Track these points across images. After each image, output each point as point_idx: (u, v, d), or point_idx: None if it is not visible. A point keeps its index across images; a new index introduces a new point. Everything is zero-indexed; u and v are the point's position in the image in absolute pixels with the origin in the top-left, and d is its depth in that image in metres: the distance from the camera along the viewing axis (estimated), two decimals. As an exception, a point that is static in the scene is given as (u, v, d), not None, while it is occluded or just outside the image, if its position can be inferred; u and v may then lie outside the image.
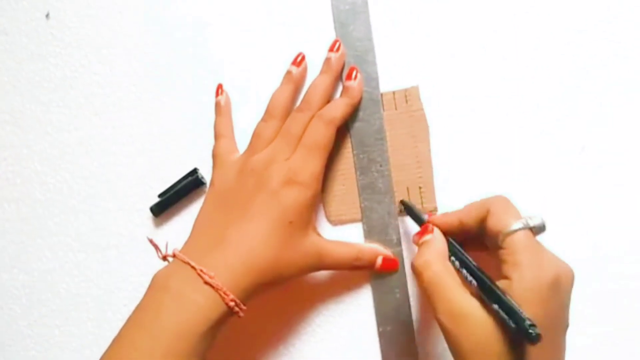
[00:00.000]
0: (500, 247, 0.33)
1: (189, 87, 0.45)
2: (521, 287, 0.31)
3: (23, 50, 0.46)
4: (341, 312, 0.44)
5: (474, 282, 0.33)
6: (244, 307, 0.36)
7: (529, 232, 0.33)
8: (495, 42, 0.43)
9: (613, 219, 0.42)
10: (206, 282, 0.35)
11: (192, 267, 0.35)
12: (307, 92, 0.42)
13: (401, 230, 0.43)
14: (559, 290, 0.31)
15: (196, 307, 0.34)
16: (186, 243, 0.39)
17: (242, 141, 0.43)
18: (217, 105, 0.44)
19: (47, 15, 0.46)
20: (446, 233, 0.37)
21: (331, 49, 0.42)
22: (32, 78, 0.46)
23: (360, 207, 0.43)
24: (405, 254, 0.43)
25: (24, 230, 0.46)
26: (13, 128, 0.46)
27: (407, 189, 0.43)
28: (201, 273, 0.35)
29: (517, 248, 0.32)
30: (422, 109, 0.43)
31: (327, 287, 0.44)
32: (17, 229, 0.46)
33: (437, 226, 0.37)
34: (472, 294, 0.33)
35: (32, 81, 0.46)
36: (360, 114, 0.43)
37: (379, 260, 0.42)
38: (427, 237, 0.36)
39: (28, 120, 0.46)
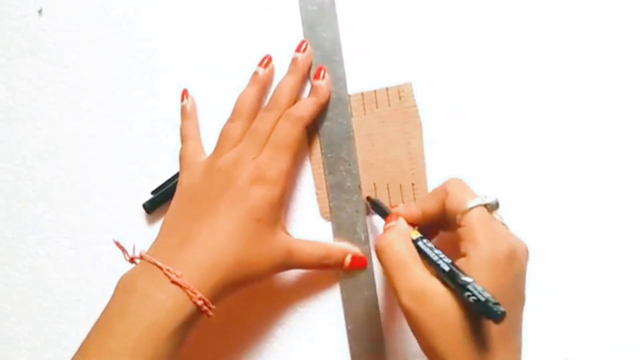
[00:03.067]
0: (458, 226, 0.34)
1: (182, 84, 0.45)
2: (478, 261, 0.32)
3: (15, 46, 0.46)
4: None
5: (440, 265, 0.33)
6: (213, 307, 0.35)
7: (483, 209, 0.34)
8: (484, 37, 0.43)
9: (605, 211, 0.42)
10: (173, 282, 0.34)
11: (159, 266, 0.35)
12: (274, 92, 0.42)
13: (369, 229, 0.43)
14: (514, 262, 0.33)
15: (163, 307, 0.34)
16: (153, 244, 0.38)
17: (210, 144, 0.43)
18: (183, 109, 0.44)
19: (40, 11, 0.46)
20: (412, 224, 0.38)
21: (298, 50, 0.43)
22: (24, 74, 0.46)
23: (329, 206, 0.43)
24: (373, 252, 0.43)
25: (15, 226, 0.46)
26: (4, 124, 0.46)
27: (400, 185, 0.43)
28: (168, 272, 0.34)
29: (473, 225, 0.33)
30: (415, 106, 0.43)
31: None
32: (8, 226, 0.46)
33: (403, 217, 0.38)
34: (433, 274, 0.33)
35: (24, 77, 0.46)
36: (329, 113, 0.43)
37: (348, 259, 0.42)
38: (391, 223, 0.37)
39: (19, 116, 0.46)
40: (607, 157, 0.42)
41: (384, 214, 0.40)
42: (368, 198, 0.43)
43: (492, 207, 0.35)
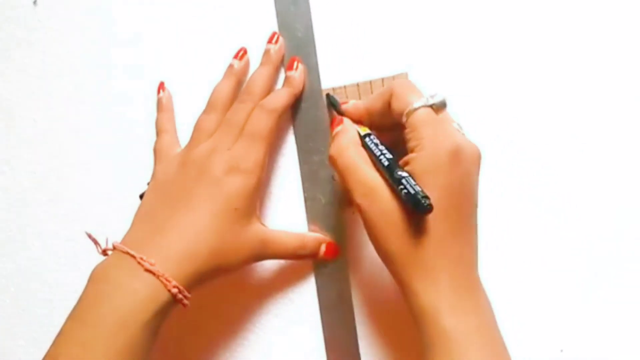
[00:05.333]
0: (404, 127, 0.35)
1: (178, 76, 0.45)
2: (422, 158, 0.33)
3: (10, 38, 0.46)
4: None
5: (381, 160, 0.34)
6: (189, 295, 0.35)
7: (429, 109, 0.35)
8: (478, 28, 0.43)
9: (603, 205, 0.42)
10: (146, 270, 0.34)
11: (132, 255, 0.34)
12: (247, 83, 0.42)
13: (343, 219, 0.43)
14: (459, 160, 0.33)
15: (137, 295, 0.33)
16: (126, 234, 0.38)
17: (186, 138, 0.42)
18: (159, 102, 0.44)
19: (35, 2, 0.46)
20: (357, 121, 0.39)
21: (270, 41, 0.43)
22: (20, 66, 0.46)
23: (303, 196, 0.44)
24: (347, 241, 0.43)
25: (12, 218, 0.46)
26: (0, 116, 0.46)
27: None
28: (141, 261, 0.34)
29: (418, 124, 0.34)
30: (411, 96, 0.43)
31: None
32: (5, 218, 0.46)
33: (349, 114, 0.39)
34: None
35: (20, 69, 0.46)
36: (302, 104, 0.43)
37: (323, 248, 0.42)
38: (338, 128, 0.38)
39: (15, 108, 0.46)
40: (608, 151, 0.42)
41: (338, 111, 0.40)
42: (327, 95, 0.43)
43: (438, 107, 0.35)
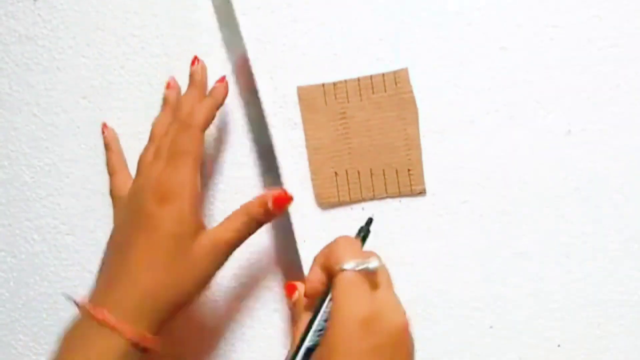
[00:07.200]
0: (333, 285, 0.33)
1: (178, 70, 0.45)
2: (334, 324, 0.31)
3: (10, 32, 0.46)
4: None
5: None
6: (149, 337, 0.35)
7: (356, 274, 0.33)
8: (481, 25, 0.43)
9: (599, 201, 0.42)
10: (100, 322, 0.34)
11: (87, 310, 0.35)
12: (177, 108, 0.42)
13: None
14: (372, 331, 0.31)
15: (99, 348, 0.34)
16: (91, 290, 0.38)
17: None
18: (105, 142, 0.45)
19: (35, -3, 0.46)
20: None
21: (192, 64, 0.43)
22: (20, 60, 0.46)
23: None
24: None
25: (12, 212, 0.46)
26: (0, 110, 0.46)
27: (397, 171, 0.43)
28: (94, 314, 0.35)
29: (340, 286, 0.32)
30: (411, 92, 0.43)
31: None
32: (5, 212, 0.46)
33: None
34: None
35: (20, 63, 0.46)
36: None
37: (270, 204, 0.38)
38: (295, 295, 0.38)
39: (15, 103, 0.46)
40: (600, 147, 0.42)
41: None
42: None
43: (368, 273, 0.33)
